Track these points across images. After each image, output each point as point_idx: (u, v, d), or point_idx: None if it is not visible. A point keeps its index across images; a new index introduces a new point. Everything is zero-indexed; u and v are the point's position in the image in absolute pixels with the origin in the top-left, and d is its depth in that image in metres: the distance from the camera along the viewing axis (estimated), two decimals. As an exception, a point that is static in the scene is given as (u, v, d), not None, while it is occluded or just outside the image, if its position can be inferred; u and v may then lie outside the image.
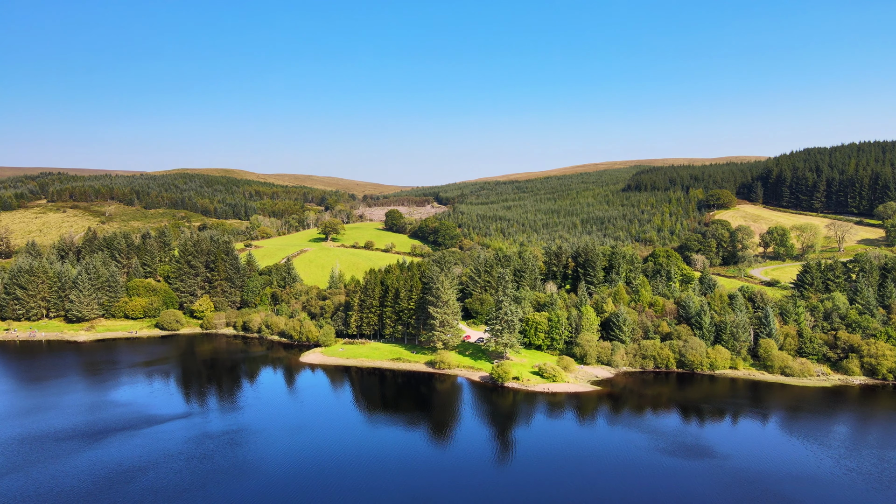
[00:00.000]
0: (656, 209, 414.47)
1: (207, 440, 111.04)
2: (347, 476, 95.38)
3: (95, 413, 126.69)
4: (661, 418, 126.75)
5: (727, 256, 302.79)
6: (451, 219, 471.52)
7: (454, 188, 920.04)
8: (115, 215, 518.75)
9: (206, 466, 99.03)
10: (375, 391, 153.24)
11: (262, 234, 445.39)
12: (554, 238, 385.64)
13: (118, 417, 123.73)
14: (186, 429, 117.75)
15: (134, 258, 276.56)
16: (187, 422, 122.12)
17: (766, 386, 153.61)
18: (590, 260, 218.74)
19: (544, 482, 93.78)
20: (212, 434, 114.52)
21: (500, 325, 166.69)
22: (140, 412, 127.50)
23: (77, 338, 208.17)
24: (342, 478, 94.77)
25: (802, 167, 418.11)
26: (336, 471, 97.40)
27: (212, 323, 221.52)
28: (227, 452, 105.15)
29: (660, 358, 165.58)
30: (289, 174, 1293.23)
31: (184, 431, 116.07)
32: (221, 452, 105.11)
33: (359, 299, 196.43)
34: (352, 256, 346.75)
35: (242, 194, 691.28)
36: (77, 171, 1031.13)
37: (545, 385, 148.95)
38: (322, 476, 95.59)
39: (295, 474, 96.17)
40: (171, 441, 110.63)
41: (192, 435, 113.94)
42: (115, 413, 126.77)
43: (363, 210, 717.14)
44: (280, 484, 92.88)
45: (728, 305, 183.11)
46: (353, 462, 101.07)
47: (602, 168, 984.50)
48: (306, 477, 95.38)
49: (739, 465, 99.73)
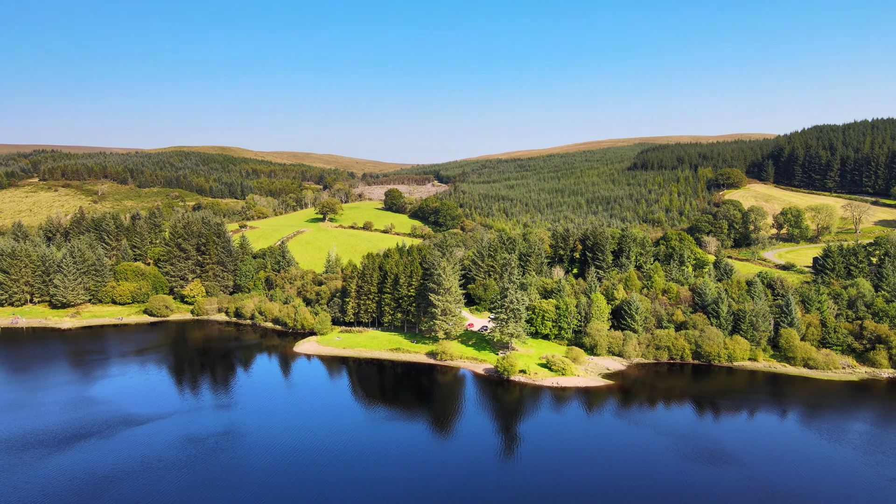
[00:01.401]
0: (664, 189, 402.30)
1: (191, 444, 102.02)
2: (344, 484, 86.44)
3: (71, 412, 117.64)
4: (678, 417, 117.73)
5: (739, 238, 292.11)
6: (452, 198, 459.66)
7: (455, 166, 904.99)
8: (107, 194, 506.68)
9: (186, 476, 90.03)
10: (374, 385, 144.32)
11: (258, 214, 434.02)
12: (558, 219, 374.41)
13: (96, 417, 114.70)
14: (169, 430, 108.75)
15: (123, 240, 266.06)
16: (170, 423, 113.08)
17: (788, 379, 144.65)
18: (599, 243, 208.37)
19: (554, 488, 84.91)
20: (196, 437, 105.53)
21: (505, 313, 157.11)
22: (120, 411, 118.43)
23: (61, 325, 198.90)
24: (339, 486, 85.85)
25: (815, 145, 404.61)
26: (332, 478, 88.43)
27: (203, 309, 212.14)
28: (211, 459, 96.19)
29: (675, 349, 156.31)
30: (287, 152, 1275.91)
31: (166, 433, 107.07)
32: (205, 459, 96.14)
33: (356, 285, 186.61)
34: (350, 238, 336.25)
35: (239, 173, 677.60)
36: (71, 148, 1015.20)
37: (554, 379, 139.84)
38: (317, 484, 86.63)
39: (285, 484, 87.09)
40: (150, 445, 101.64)
41: (175, 438, 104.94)
42: (92, 412, 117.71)
43: (362, 189, 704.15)
44: (269, 497, 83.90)
45: (746, 293, 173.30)
46: (350, 467, 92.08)
47: (605, 146, 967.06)
48: (298, 489, 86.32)
49: (767, 476, 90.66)
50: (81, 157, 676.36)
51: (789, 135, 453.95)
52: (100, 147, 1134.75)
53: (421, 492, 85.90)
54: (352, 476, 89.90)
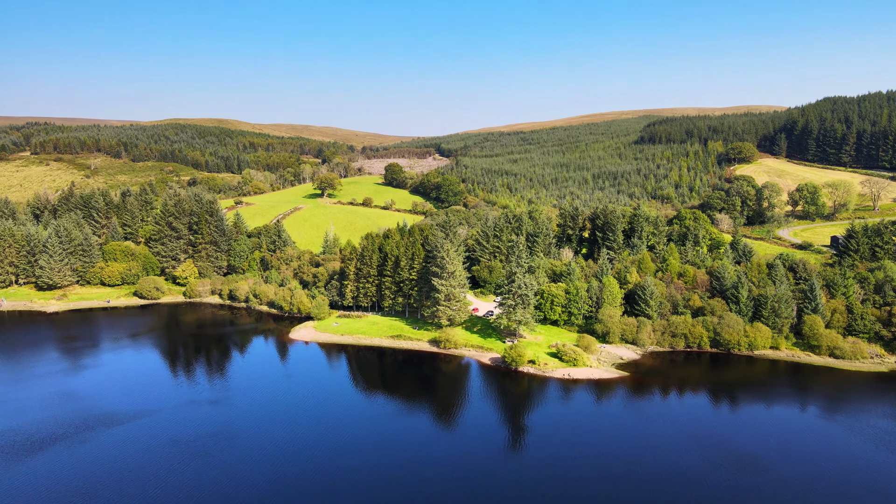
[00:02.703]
0: (673, 163, 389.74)
1: (175, 448, 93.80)
2: (342, 487, 78.42)
3: (48, 409, 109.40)
4: (700, 414, 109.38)
5: (752, 216, 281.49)
6: (454, 173, 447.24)
7: (456, 139, 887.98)
8: (100, 168, 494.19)
9: (166, 488, 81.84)
10: (374, 376, 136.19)
11: (255, 190, 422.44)
12: (564, 195, 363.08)
13: (74, 415, 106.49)
14: (153, 431, 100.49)
15: (113, 217, 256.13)
16: (154, 421, 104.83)
17: (812, 370, 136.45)
18: (609, 223, 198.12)
19: (566, 492, 77.01)
20: (182, 439, 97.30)
21: (512, 299, 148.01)
22: (100, 408, 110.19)
23: (47, 308, 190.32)
24: (337, 490, 77.95)
25: (830, 118, 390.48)
26: (330, 482, 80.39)
27: (195, 291, 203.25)
28: (196, 465, 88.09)
29: (691, 336, 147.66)
30: (286, 124, 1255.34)
31: (149, 435, 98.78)
32: (188, 466, 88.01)
33: (355, 267, 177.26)
34: (348, 214, 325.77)
35: (236, 146, 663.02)
36: (65, 120, 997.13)
37: (565, 370, 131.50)
38: (314, 487, 78.63)
39: (279, 489, 78.97)
40: (131, 449, 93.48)
41: (159, 440, 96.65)
42: (71, 409, 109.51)
43: (362, 163, 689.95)
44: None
45: (766, 276, 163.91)
46: (347, 476, 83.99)
47: (610, 118, 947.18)
48: (293, 495, 78.28)
49: (797, 483, 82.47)
50: (75, 129, 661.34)
51: (802, 107, 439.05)
52: (95, 119, 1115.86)
53: (424, 495, 77.91)
54: (350, 481, 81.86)
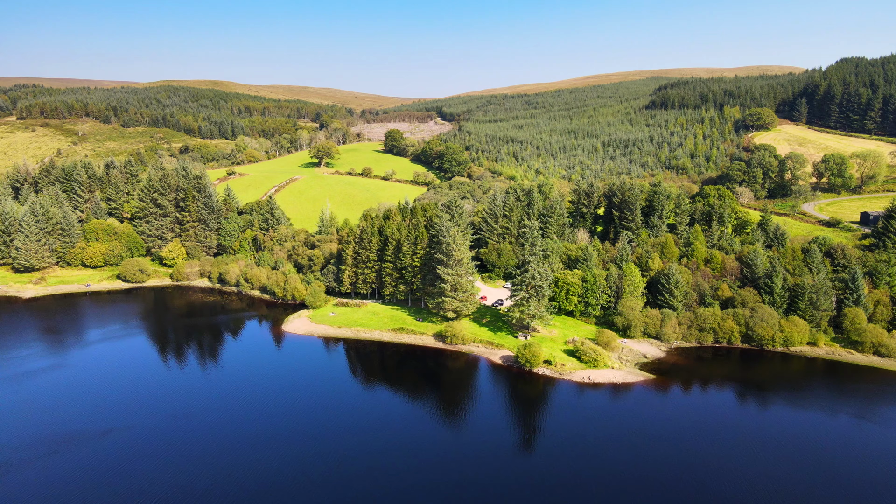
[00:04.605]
0: (687, 130, 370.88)
1: (146, 465, 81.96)
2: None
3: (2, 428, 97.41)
4: (743, 426, 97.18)
5: (774, 188, 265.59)
6: (456, 140, 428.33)
7: (458, 102, 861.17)
8: (88, 135, 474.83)
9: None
10: (374, 374, 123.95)
11: (249, 158, 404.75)
12: (573, 164, 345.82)
13: (21, 436, 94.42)
14: (109, 453, 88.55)
15: (97, 191, 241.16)
16: (102, 447, 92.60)
17: (855, 369, 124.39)
18: (627, 201, 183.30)
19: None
20: (139, 460, 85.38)
21: (525, 291, 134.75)
22: (47, 429, 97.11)
23: (23, 293, 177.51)
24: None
25: (854, 82, 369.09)
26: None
27: (183, 273, 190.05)
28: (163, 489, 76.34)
29: (721, 331, 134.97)
30: (282, 86, 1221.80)
31: (94, 465, 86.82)
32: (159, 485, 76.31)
33: (353, 251, 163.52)
34: (347, 186, 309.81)
35: (230, 110, 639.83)
36: (55, 81, 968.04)
37: (584, 373, 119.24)
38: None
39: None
40: (95, 472, 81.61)
41: (118, 463, 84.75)
42: (9, 432, 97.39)
43: (361, 127, 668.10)
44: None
45: (802, 262, 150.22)
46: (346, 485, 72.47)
47: (616, 80, 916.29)
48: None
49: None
50: (63, 92, 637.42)
51: (824, 70, 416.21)
52: (86, 80, 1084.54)
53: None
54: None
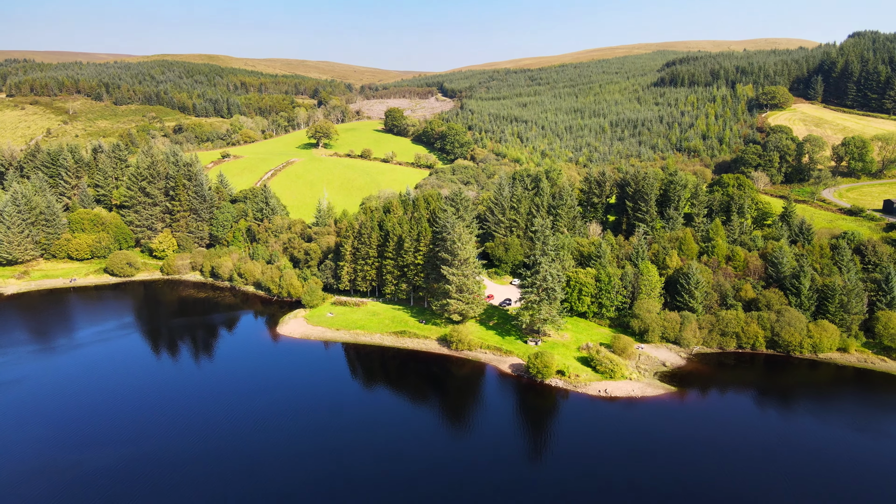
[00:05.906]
0: (699, 110, 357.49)
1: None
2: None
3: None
4: (780, 449, 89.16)
5: (791, 172, 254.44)
6: (458, 119, 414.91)
7: (460, 77, 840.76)
8: (79, 113, 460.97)
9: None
10: (374, 381, 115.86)
11: (245, 138, 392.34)
12: (580, 146, 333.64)
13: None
14: (81, 480, 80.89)
15: (84, 177, 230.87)
16: (88, 469, 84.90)
17: (889, 379, 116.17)
18: (642, 191, 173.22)
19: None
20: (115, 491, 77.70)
21: (536, 293, 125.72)
22: (28, 451, 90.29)
23: (5, 289, 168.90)
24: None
25: (873, 59, 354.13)
26: None
27: (174, 267, 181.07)
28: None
29: (745, 336, 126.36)
30: (280, 59, 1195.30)
31: (79, 484, 79.22)
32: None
33: (351, 246, 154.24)
34: (345, 170, 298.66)
35: (226, 87, 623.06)
36: (47, 55, 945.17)
37: (600, 384, 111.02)
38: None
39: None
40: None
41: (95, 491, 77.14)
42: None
43: (360, 104, 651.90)
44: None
45: (830, 260, 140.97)
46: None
47: (621, 54, 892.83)
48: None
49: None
50: (55, 67, 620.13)
51: (840, 45, 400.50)
52: (78, 52, 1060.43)
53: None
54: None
